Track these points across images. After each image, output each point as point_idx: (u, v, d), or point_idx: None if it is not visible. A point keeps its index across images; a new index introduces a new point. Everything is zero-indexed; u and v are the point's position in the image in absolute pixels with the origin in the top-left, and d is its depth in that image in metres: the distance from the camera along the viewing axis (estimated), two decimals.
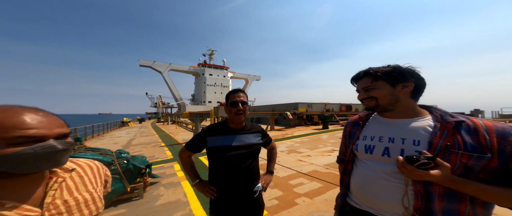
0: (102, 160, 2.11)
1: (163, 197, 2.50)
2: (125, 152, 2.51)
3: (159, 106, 44.52)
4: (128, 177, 2.28)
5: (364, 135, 0.76)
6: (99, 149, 2.35)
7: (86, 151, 2.17)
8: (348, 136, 0.85)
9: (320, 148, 5.33)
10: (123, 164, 2.28)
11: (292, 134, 8.50)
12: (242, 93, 1.01)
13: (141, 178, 2.47)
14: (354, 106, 16.87)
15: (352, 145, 0.78)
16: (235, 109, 0.97)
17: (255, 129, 1.09)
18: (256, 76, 55.07)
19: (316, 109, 14.23)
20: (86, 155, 2.06)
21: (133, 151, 5.98)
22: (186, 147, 1.05)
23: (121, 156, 2.35)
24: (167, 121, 21.88)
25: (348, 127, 0.88)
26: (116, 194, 2.15)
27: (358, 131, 0.79)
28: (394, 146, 0.65)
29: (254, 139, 1.05)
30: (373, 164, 0.68)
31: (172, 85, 42.15)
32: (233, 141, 0.99)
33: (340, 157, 0.95)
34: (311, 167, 3.62)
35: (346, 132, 0.88)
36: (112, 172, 2.17)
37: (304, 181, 2.93)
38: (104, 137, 10.54)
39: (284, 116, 11.06)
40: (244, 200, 0.99)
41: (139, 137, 9.86)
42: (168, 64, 42.32)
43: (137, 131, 12.96)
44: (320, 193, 2.50)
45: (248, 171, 0.99)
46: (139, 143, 7.81)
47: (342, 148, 0.92)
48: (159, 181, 3.08)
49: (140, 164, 2.43)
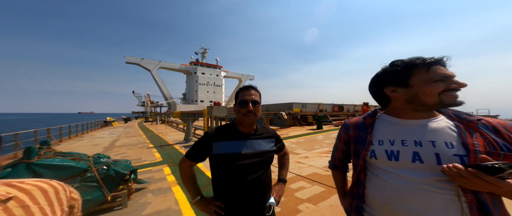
0: (74, 166, 1.77)
1: (151, 205, 2.21)
2: (105, 156, 2.17)
3: (147, 105, 42.54)
4: (108, 184, 1.96)
5: (379, 140, 0.66)
6: (72, 153, 1.99)
7: (55, 156, 1.81)
8: (354, 142, 0.73)
9: (317, 149, 5.27)
10: (102, 170, 1.95)
11: (288, 134, 8.42)
12: (254, 91, 0.86)
13: (124, 184, 2.15)
14: (346, 107, 17.36)
15: (364, 151, 0.67)
16: (244, 110, 0.83)
17: (268, 133, 0.94)
18: (249, 76, 54.86)
19: (310, 109, 14.38)
20: (54, 161, 1.71)
21: (117, 153, 5.47)
22: (187, 156, 0.87)
23: (100, 161, 2.01)
24: (156, 121, 20.86)
25: (349, 131, 0.76)
26: (94, 204, 1.82)
27: (368, 136, 0.68)
28: (425, 150, 0.57)
29: (268, 145, 0.90)
30: (403, 173, 0.58)
31: (161, 84, 40.46)
32: (243, 148, 0.83)
33: (333, 163, 0.85)
34: (310, 169, 3.51)
35: (348, 136, 0.76)
36: (88, 179, 1.84)
37: (305, 185, 2.79)
38: (83, 138, 9.65)
39: (279, 116, 10.99)
40: (255, 214, 0.84)
41: (124, 137, 9.16)
42: (158, 61, 40.62)
43: (122, 131, 12.11)
44: (323, 198, 2.36)
45: (260, 183, 0.84)
46: (124, 144, 7.22)
47: (338, 153, 0.82)
48: (147, 187, 2.76)
49: (123, 169, 2.11)
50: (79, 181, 1.76)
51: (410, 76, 0.61)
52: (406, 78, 0.61)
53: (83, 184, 1.77)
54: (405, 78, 0.61)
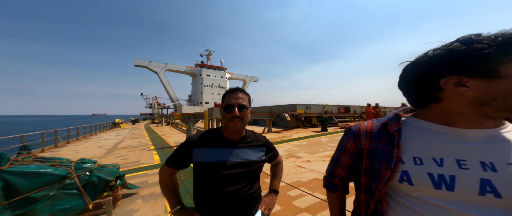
0: (51, 173, 1.68)
1: (138, 212, 2.08)
2: (90, 161, 2.08)
3: (154, 107, 43.69)
4: (90, 191, 1.85)
5: (414, 157, 0.44)
6: (53, 159, 1.91)
7: (33, 161, 1.73)
8: (370, 156, 0.51)
9: (320, 152, 4.99)
10: (84, 177, 1.85)
11: (291, 136, 8.16)
12: (242, 94, 0.79)
13: (109, 191, 2.04)
14: (353, 108, 16.72)
15: (389, 172, 0.45)
16: (229, 115, 0.75)
17: (258, 141, 0.86)
18: (254, 77, 54.89)
19: (315, 111, 13.98)
20: (28, 168, 1.62)
21: (117, 156, 5.49)
22: (167, 163, 0.81)
23: (82, 167, 1.91)
24: (161, 122, 21.25)
25: (360, 140, 0.54)
26: (73, 213, 1.71)
27: (395, 149, 0.46)
28: (502, 178, 0.38)
29: (256, 155, 0.83)
30: (462, 210, 0.39)
31: (168, 86, 41.42)
32: (227, 157, 0.77)
33: (331, 182, 0.63)
34: (311, 174, 3.26)
35: (358, 148, 0.54)
36: (68, 186, 1.74)
37: (304, 192, 2.57)
38: (90, 140, 9.91)
39: (282, 118, 10.75)
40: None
41: (128, 139, 9.30)
42: (165, 64, 41.67)
43: (128, 133, 12.36)
44: (323, 208, 2.14)
45: (244, 195, 0.77)
46: (126, 146, 7.29)
47: (339, 170, 0.60)
48: (138, 192, 2.65)
49: (107, 175, 2.00)
50: (56, 188, 1.66)
51: (505, 61, 0.37)
52: (498, 64, 0.37)
53: (61, 192, 1.67)
54: (495, 64, 0.38)
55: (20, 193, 1.48)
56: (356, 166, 0.56)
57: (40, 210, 1.50)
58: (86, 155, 5.82)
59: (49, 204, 1.56)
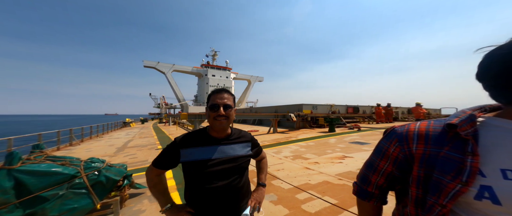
0: (61, 172, 1.70)
1: (144, 213, 2.07)
2: (99, 160, 2.10)
3: (162, 106, 44.84)
4: (99, 191, 1.86)
5: (502, 169, 0.35)
6: (64, 158, 1.94)
7: (44, 160, 1.76)
8: (429, 164, 0.41)
9: (329, 153, 4.82)
10: (93, 176, 1.86)
11: (297, 137, 8.00)
12: (227, 95, 0.83)
13: (117, 191, 2.05)
14: (362, 108, 16.16)
15: (459, 186, 0.36)
16: (214, 113, 0.79)
17: (244, 138, 0.90)
18: (258, 77, 54.80)
19: (321, 111, 13.66)
20: (39, 167, 1.64)
21: (126, 155, 5.62)
22: (153, 164, 0.84)
23: (91, 166, 1.93)
24: (168, 122, 21.74)
25: (410, 143, 0.44)
26: (82, 213, 1.72)
27: (469, 159, 0.37)
28: None
29: (243, 150, 0.87)
30: None
31: (175, 86, 42.37)
32: (214, 153, 0.80)
33: (364, 189, 0.55)
34: (320, 176, 3.14)
35: (406, 153, 0.45)
36: (77, 186, 1.76)
37: (313, 195, 2.46)
38: (102, 139, 10.30)
39: (287, 118, 10.59)
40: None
41: (137, 138, 9.56)
42: (172, 65, 42.67)
43: (137, 132, 12.72)
44: (335, 213, 2.03)
45: (233, 190, 0.81)
46: (135, 145, 7.48)
47: (377, 177, 0.52)
48: (145, 192, 2.65)
49: (115, 175, 2.00)
50: (66, 188, 1.68)
51: None
52: None
53: (71, 191, 1.69)
54: None
55: (31, 192, 1.50)
56: (401, 174, 0.47)
57: (49, 209, 1.52)
58: (98, 154, 6.02)
59: (58, 204, 1.57)
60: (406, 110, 18.96)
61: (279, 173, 3.40)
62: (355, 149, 5.24)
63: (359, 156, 4.41)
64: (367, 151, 4.90)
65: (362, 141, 6.44)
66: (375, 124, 13.25)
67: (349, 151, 4.94)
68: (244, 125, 15.49)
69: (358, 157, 4.32)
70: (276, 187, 2.78)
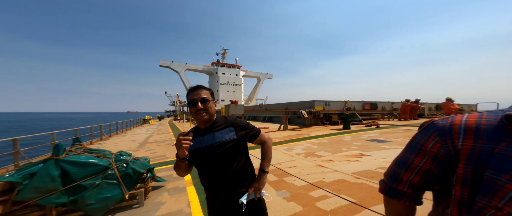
0: (97, 163, 1.91)
1: (165, 205, 2.23)
2: (126, 153, 2.30)
3: (176, 104, 47.07)
4: (127, 182, 2.05)
5: None
6: (99, 150, 2.17)
7: (84, 152, 1.99)
8: (475, 161, 0.37)
9: (344, 151, 4.64)
10: (122, 168, 2.05)
11: (308, 134, 7.83)
12: (204, 90, 0.90)
13: (141, 183, 2.23)
14: (381, 104, 15.11)
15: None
16: (194, 109, 0.88)
17: (226, 123, 0.95)
18: (268, 74, 54.35)
19: (335, 108, 13.12)
20: (79, 158, 1.87)
21: (148, 150, 6.07)
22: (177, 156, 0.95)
23: (120, 159, 2.13)
24: (183, 119, 22.82)
25: (458, 139, 0.40)
26: (113, 202, 1.93)
27: None
28: None
29: (227, 136, 0.91)
30: None
31: (188, 84, 44.08)
32: (202, 143, 0.89)
33: (393, 188, 0.51)
34: (335, 175, 3.04)
35: (448, 148, 0.40)
36: (109, 176, 1.96)
37: (328, 194, 2.40)
38: (126, 134, 11.23)
39: (298, 115, 10.38)
40: (232, 208, 0.89)
41: (156, 134, 10.23)
42: (184, 64, 44.31)
43: (155, 129, 13.60)
44: (353, 212, 1.95)
45: (226, 173, 0.88)
46: (155, 141, 8.02)
47: (411, 174, 0.48)
48: (164, 185, 2.85)
49: (140, 168, 2.19)
50: (101, 178, 1.89)
51: None
52: None
53: (105, 181, 1.89)
54: None
55: (73, 180, 1.72)
56: (441, 173, 0.43)
57: (88, 197, 1.72)
58: (123, 148, 6.58)
59: (95, 192, 1.78)
60: (434, 106, 17.30)
61: (291, 170, 3.38)
62: (373, 147, 4.97)
63: (379, 154, 4.18)
64: (388, 150, 4.60)
65: (382, 139, 6.07)
66: (398, 121, 12.32)
67: (366, 149, 4.70)
68: (254, 122, 15.58)
69: (377, 155, 4.10)
70: (288, 184, 2.76)
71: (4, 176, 1.64)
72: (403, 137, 6.34)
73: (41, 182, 1.62)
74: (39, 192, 1.60)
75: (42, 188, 1.60)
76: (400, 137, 6.36)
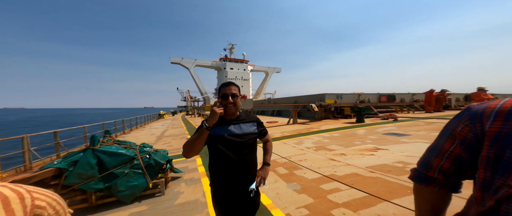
0: (125, 154, 2.12)
1: (183, 195, 2.41)
2: (148, 145, 2.50)
3: (187, 99, 48.79)
4: (149, 172, 2.25)
5: None
6: (126, 142, 2.39)
7: (113, 143, 2.22)
8: (498, 142, 0.36)
9: (357, 145, 4.51)
10: (145, 159, 2.25)
11: (319, 128, 7.69)
12: (234, 86, 1.03)
13: (162, 173, 2.43)
14: (399, 96, 14.12)
15: None
16: (225, 102, 1.00)
17: (250, 118, 1.11)
18: (276, 68, 53.42)
19: (348, 100, 12.58)
20: (111, 149, 2.09)
21: (164, 143, 6.48)
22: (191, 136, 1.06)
23: (144, 150, 2.33)
24: (194, 114, 23.70)
25: (487, 121, 0.39)
26: (139, 190, 2.14)
27: None
28: None
29: (250, 129, 1.06)
30: None
31: (197, 80, 45.18)
32: (227, 131, 1.00)
33: (423, 174, 0.51)
34: (348, 168, 3.00)
35: (477, 132, 0.40)
36: (135, 166, 2.16)
37: (341, 187, 2.39)
38: (144, 128, 12.05)
39: (308, 108, 10.16)
40: (240, 193, 0.99)
41: (171, 129, 10.82)
42: (194, 60, 45.21)
43: (170, 123, 14.36)
44: (366, 205, 1.93)
45: (242, 162, 1.00)
46: (170, 134, 8.51)
47: (440, 159, 0.47)
48: (181, 176, 3.07)
49: (160, 159, 2.37)
50: (129, 167, 2.09)
51: None
52: None
53: (132, 171, 2.10)
54: None
55: (107, 168, 1.94)
56: (470, 157, 0.42)
57: (119, 184, 1.94)
58: (144, 141, 7.11)
59: (124, 181, 1.99)
60: (463, 97, 15.75)
61: (301, 163, 3.39)
62: (390, 141, 4.74)
63: (396, 148, 3.98)
64: (407, 143, 4.36)
65: (400, 133, 5.74)
66: (420, 113, 11.46)
67: (382, 143, 4.51)
68: (262, 116, 15.63)
69: (395, 149, 3.92)
70: (299, 177, 2.78)
71: (53, 163, 1.91)
72: (425, 130, 5.93)
73: (82, 169, 1.87)
74: (81, 178, 1.84)
75: (83, 174, 1.85)
76: (421, 131, 5.95)
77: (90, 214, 1.98)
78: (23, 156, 4.07)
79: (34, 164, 4.28)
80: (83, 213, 1.98)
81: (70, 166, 1.85)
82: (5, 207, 0.35)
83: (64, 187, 1.81)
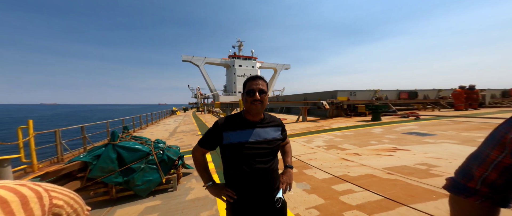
0: (141, 149, 2.23)
1: (193, 191, 2.47)
2: (162, 142, 2.61)
3: (198, 96, 50.32)
4: (163, 167, 2.34)
5: None
6: (142, 138, 2.52)
7: (131, 139, 2.35)
8: None
9: (373, 145, 4.26)
10: (159, 155, 2.35)
11: (330, 126, 7.42)
12: (262, 81, 0.88)
13: (175, 169, 2.52)
14: (422, 93, 12.98)
15: None
16: (251, 98, 0.85)
17: (275, 122, 0.96)
18: (285, 65, 52.48)
19: (362, 97, 11.93)
20: (129, 144, 2.21)
21: (177, 139, 6.74)
22: (199, 144, 0.93)
23: (158, 146, 2.43)
24: (204, 111, 24.38)
25: None
26: (154, 185, 2.25)
27: None
28: None
29: (275, 134, 0.93)
30: None
31: (207, 77, 46.17)
32: (250, 136, 0.86)
33: (462, 184, 0.45)
34: (362, 169, 2.85)
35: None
36: (150, 162, 2.27)
37: (354, 188, 2.28)
38: (159, 124, 12.69)
39: (318, 105, 9.83)
40: (265, 206, 0.87)
41: (182, 125, 11.24)
42: (204, 58, 46.15)
43: (181, 120, 14.94)
44: (383, 209, 1.81)
45: (269, 172, 0.87)
46: (182, 131, 8.84)
47: (482, 170, 0.42)
48: (192, 172, 3.16)
49: (173, 155, 2.46)
50: (144, 162, 2.20)
51: None
52: None
53: (147, 166, 2.21)
54: None
55: (125, 163, 2.07)
56: None
57: (136, 179, 2.05)
58: (158, 137, 7.49)
59: (141, 175, 2.10)
60: (500, 93, 14.09)
61: (311, 162, 3.30)
62: (412, 141, 4.39)
63: (419, 149, 3.67)
64: (432, 144, 4.00)
65: (423, 132, 5.29)
66: (446, 111, 10.50)
67: (402, 143, 4.20)
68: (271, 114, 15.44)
69: (417, 150, 3.62)
70: (308, 176, 2.70)
71: (79, 157, 2.09)
72: (453, 130, 5.40)
73: (104, 163, 2.01)
74: (103, 171, 1.98)
75: (105, 168, 1.99)
76: (449, 130, 5.42)
77: (110, 206, 2.13)
78: (56, 148, 4.52)
79: (65, 156, 4.74)
80: (104, 205, 2.13)
81: (94, 159, 2.01)
82: (24, 206, 0.35)
83: (89, 179, 1.97)
